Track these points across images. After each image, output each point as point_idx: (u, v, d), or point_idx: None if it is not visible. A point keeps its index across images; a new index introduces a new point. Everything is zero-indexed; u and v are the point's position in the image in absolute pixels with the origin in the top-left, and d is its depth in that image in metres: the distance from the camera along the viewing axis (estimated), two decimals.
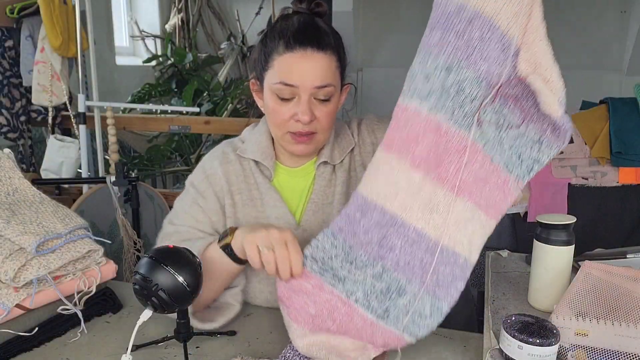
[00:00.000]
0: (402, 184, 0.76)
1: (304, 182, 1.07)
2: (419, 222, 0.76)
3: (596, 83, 3.90)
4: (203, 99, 3.77)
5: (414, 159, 0.75)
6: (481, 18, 0.70)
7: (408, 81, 0.76)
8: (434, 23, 0.73)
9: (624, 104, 1.79)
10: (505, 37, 0.70)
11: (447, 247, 0.75)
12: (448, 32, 0.72)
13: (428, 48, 0.74)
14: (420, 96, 0.74)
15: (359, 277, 0.79)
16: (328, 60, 0.94)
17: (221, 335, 0.92)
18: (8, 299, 0.87)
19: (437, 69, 0.73)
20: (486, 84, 0.71)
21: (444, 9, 0.72)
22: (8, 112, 2.47)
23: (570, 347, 0.78)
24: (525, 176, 0.76)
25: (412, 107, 0.75)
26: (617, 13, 3.86)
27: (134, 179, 2.10)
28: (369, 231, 0.78)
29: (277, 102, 0.96)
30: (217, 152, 1.09)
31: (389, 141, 0.77)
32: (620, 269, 0.87)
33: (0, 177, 1.01)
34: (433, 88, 0.73)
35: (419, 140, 0.74)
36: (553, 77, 0.70)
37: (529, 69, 0.70)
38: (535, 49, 0.70)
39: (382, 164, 0.77)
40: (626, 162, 1.74)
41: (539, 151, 0.75)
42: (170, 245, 0.79)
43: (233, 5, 4.71)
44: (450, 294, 0.76)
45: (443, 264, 0.76)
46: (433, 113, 0.74)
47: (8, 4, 2.44)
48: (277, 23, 0.97)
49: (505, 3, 0.69)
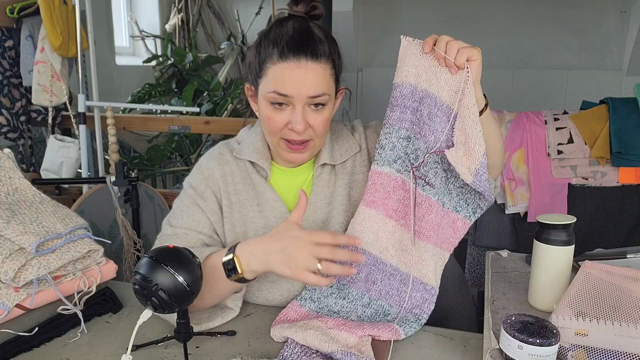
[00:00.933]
0: (380, 232, 0.96)
1: (301, 181, 1.07)
2: (393, 259, 0.96)
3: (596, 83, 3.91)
4: (203, 99, 3.77)
5: (387, 210, 0.96)
6: (429, 97, 0.89)
7: (378, 151, 0.96)
8: (394, 102, 0.93)
9: (624, 104, 1.79)
10: (447, 109, 0.88)
11: (416, 278, 0.95)
12: (405, 110, 0.92)
13: (391, 123, 0.94)
14: (389, 162, 0.95)
15: (351, 308, 0.97)
16: (322, 69, 0.93)
17: (221, 335, 0.92)
18: (8, 299, 0.87)
19: (399, 140, 0.94)
20: (434, 150, 0.90)
21: (401, 90, 0.92)
22: (8, 112, 2.46)
23: (570, 347, 0.78)
24: (472, 216, 0.96)
25: (385, 172, 0.96)
26: (617, 13, 3.86)
27: (134, 179, 2.10)
28: (359, 270, 0.97)
29: (271, 109, 0.95)
30: (214, 153, 1.09)
31: (369, 199, 0.97)
32: (620, 269, 0.87)
33: (0, 177, 1.00)
34: (398, 155, 0.95)
35: (391, 195, 0.96)
36: (476, 149, 0.85)
37: (462, 137, 0.86)
38: (467, 122, 0.85)
39: (365, 218, 0.97)
40: (626, 162, 1.74)
41: (480, 199, 0.94)
42: (170, 245, 0.79)
43: (233, 5, 4.71)
44: (424, 311, 0.94)
45: (415, 290, 0.96)
46: (399, 174, 0.95)
47: (8, 4, 2.44)
48: (271, 29, 0.96)
49: (446, 83, 0.87)
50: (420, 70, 0.89)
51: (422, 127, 0.90)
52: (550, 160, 1.80)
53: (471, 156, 0.85)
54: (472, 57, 0.84)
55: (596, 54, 3.97)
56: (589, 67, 3.98)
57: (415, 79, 0.90)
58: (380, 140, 0.96)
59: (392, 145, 0.94)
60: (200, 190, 1.05)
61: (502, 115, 1.86)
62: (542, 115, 1.84)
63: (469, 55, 0.84)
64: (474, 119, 0.84)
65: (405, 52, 0.90)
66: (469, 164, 0.86)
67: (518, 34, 4.11)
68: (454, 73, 0.85)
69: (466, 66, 0.84)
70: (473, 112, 0.84)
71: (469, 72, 0.84)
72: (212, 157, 1.08)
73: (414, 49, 0.89)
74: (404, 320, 0.92)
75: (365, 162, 1.07)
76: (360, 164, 1.07)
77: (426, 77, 0.89)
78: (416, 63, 0.89)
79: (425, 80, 0.89)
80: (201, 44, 4.77)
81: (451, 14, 4.23)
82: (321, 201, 1.04)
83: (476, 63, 0.85)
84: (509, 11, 4.10)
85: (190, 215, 1.03)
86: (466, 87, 0.84)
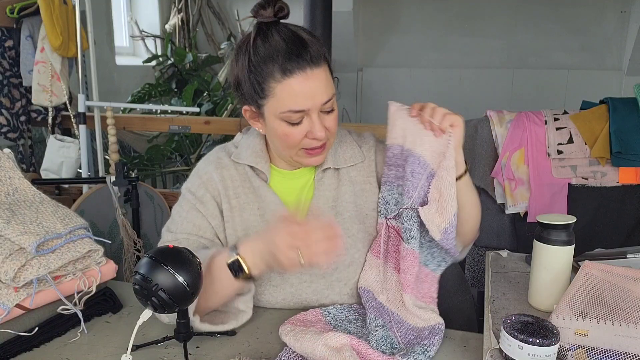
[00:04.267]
0: (386, 282, 1.00)
1: (301, 184, 1.06)
2: (390, 305, 0.98)
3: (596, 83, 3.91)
4: (203, 99, 3.77)
5: (396, 264, 0.99)
6: (413, 156, 0.95)
7: (384, 206, 1.02)
8: (389, 162, 1.01)
9: (624, 104, 1.79)
10: (428, 168, 0.94)
11: (418, 327, 0.94)
12: (398, 168, 0.99)
13: (390, 181, 1.01)
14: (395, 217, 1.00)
15: (366, 332, 0.95)
16: (324, 72, 0.93)
17: (221, 335, 0.92)
18: (8, 299, 0.87)
19: (400, 196, 0.99)
20: (410, 204, 0.95)
21: (393, 151, 1.00)
22: (8, 112, 2.46)
23: (570, 347, 0.78)
24: (437, 269, 0.99)
25: (393, 226, 1.00)
26: (617, 13, 3.86)
27: (134, 179, 2.10)
28: (370, 313, 0.97)
29: (287, 127, 0.94)
30: (212, 158, 1.08)
31: (376, 248, 1.02)
32: (620, 269, 0.86)
33: (0, 177, 1.00)
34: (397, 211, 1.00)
35: (397, 249, 0.99)
36: (448, 208, 0.90)
37: (436, 195, 0.92)
38: (444, 182, 0.90)
39: (373, 266, 1.01)
40: (626, 162, 1.74)
41: (445, 253, 0.98)
42: (170, 245, 0.79)
43: (233, 5, 4.71)
44: (433, 343, 0.88)
45: (422, 331, 0.93)
46: (390, 220, 1.01)
47: (8, 4, 2.44)
48: (255, 44, 0.91)
49: (430, 145, 0.93)
50: (406, 132, 0.96)
51: (406, 183, 0.96)
52: (550, 160, 1.80)
53: (442, 215, 0.91)
54: (455, 123, 0.90)
55: (596, 54, 3.97)
56: (589, 67, 3.98)
57: (402, 140, 0.97)
58: (385, 197, 1.02)
59: (395, 201, 1.00)
60: (199, 195, 1.03)
61: (502, 115, 1.86)
62: (542, 115, 1.84)
63: (452, 121, 0.90)
64: (450, 181, 0.90)
65: (394, 116, 0.98)
66: (439, 222, 0.91)
67: (518, 34, 4.11)
68: (437, 136, 0.92)
69: (449, 131, 0.90)
70: (450, 174, 0.90)
71: (450, 137, 0.90)
72: (209, 162, 1.07)
73: (401, 112, 0.97)
74: (411, 352, 0.87)
75: (372, 174, 1.07)
76: (368, 174, 1.07)
77: (411, 139, 0.95)
78: (403, 125, 0.97)
79: (410, 142, 0.96)
80: (201, 44, 4.77)
81: (451, 14, 4.23)
82: (324, 204, 1.04)
83: (458, 129, 0.90)
84: (509, 11, 4.10)
85: (190, 221, 1.02)
86: (447, 150, 0.90)
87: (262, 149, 1.05)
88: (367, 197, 1.06)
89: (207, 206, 1.02)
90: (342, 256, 1.00)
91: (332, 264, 0.97)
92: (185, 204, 1.04)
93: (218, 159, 1.07)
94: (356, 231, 1.03)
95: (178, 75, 4.14)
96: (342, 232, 0.90)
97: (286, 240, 0.84)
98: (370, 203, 1.05)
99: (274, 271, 0.98)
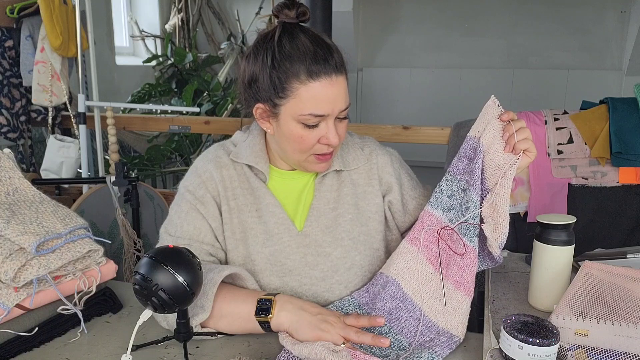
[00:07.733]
0: (416, 272, 0.97)
1: (300, 185, 1.05)
2: (424, 305, 0.95)
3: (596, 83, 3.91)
4: (203, 99, 3.77)
5: (430, 256, 0.98)
6: (483, 155, 0.94)
7: (436, 194, 1.00)
8: (462, 153, 0.98)
9: (624, 104, 1.79)
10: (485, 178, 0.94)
11: (443, 329, 0.92)
12: (469, 162, 0.96)
13: (455, 172, 0.99)
14: (443, 208, 0.99)
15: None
16: (345, 80, 0.93)
17: (221, 335, 0.92)
18: (8, 299, 0.87)
19: (458, 191, 0.97)
20: (469, 219, 0.94)
21: (471, 143, 0.96)
22: (8, 112, 2.46)
23: (570, 347, 0.78)
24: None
25: (436, 215, 0.99)
26: (617, 13, 3.86)
27: (134, 179, 2.09)
28: (385, 301, 0.97)
29: (302, 129, 0.93)
30: (210, 156, 1.05)
31: (414, 236, 1.00)
32: (620, 269, 0.87)
33: (0, 177, 1.00)
34: (454, 204, 0.97)
35: (437, 242, 0.97)
36: (503, 224, 0.89)
37: (489, 211, 0.91)
38: (500, 199, 0.90)
39: (405, 253, 1.00)
40: (626, 162, 1.74)
41: (490, 260, 0.96)
42: (170, 245, 0.79)
43: (233, 5, 4.71)
44: (440, 353, 0.87)
45: (439, 337, 0.91)
46: (451, 223, 0.97)
47: (8, 4, 2.44)
48: (282, 43, 0.90)
49: (495, 154, 0.92)
50: (488, 132, 0.95)
51: (476, 178, 0.95)
52: (550, 160, 1.80)
53: (497, 230, 0.90)
54: (530, 150, 0.90)
55: (596, 54, 3.97)
56: (589, 67, 3.99)
57: (480, 134, 0.96)
58: (441, 185, 1.00)
59: (450, 193, 0.99)
60: (199, 195, 1.00)
61: None
62: (542, 115, 1.84)
63: (528, 147, 0.90)
64: (506, 197, 0.90)
65: (487, 110, 0.96)
66: (496, 236, 0.90)
67: (518, 34, 4.11)
68: (506, 151, 0.92)
69: (520, 154, 0.91)
70: (506, 192, 0.91)
71: (519, 159, 0.91)
72: (208, 160, 1.04)
73: (494, 110, 0.95)
74: (417, 356, 0.87)
75: (375, 177, 1.07)
76: (370, 177, 1.06)
77: (490, 140, 0.95)
78: (489, 122, 0.95)
79: (487, 142, 0.95)
80: (201, 44, 4.77)
81: (451, 14, 4.23)
82: (324, 206, 1.03)
83: (528, 159, 0.91)
84: (509, 11, 4.11)
85: (190, 223, 0.99)
86: (510, 170, 0.91)
87: (261, 148, 1.03)
88: (369, 199, 1.05)
89: (207, 207, 1.00)
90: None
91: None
92: (184, 204, 1.01)
93: (217, 157, 1.04)
94: (357, 234, 1.02)
95: (178, 75, 4.14)
96: (383, 321, 0.91)
97: (336, 336, 0.85)
98: (372, 205, 1.05)
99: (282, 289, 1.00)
